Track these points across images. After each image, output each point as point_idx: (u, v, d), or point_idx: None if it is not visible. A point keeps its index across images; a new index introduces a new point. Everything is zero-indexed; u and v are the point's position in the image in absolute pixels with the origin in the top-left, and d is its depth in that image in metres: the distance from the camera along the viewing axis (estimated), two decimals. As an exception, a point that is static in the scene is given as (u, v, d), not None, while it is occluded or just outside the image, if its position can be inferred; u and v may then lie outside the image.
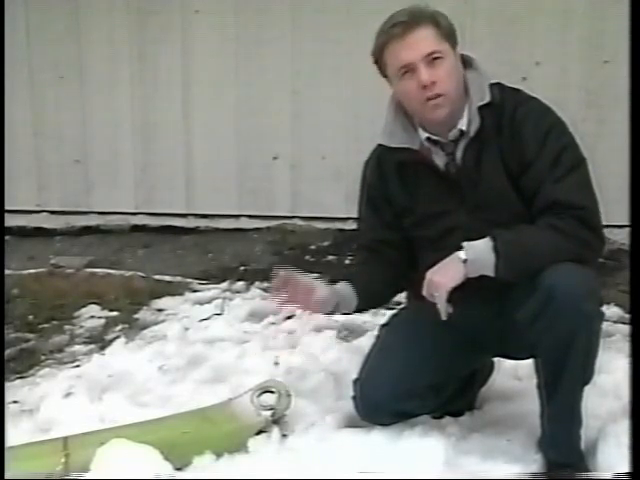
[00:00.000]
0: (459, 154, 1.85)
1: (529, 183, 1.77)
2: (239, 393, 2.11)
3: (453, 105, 1.80)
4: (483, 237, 1.72)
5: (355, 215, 2.09)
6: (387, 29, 1.79)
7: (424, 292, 1.77)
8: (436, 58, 1.76)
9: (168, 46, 4.47)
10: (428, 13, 1.79)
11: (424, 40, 1.76)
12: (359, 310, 2.02)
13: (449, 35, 1.79)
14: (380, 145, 1.94)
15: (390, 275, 2.00)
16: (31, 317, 3.13)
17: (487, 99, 1.80)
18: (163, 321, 3.08)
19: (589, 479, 1.80)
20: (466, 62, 1.86)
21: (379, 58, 1.83)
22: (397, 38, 1.77)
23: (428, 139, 1.86)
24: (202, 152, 4.57)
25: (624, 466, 1.75)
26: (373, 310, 2.52)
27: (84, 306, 3.22)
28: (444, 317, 1.74)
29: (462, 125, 1.83)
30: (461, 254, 1.72)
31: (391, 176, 1.94)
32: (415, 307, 1.98)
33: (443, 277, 1.73)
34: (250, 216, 4.51)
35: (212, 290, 3.43)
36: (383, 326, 2.09)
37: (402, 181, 1.93)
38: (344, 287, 1.96)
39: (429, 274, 1.76)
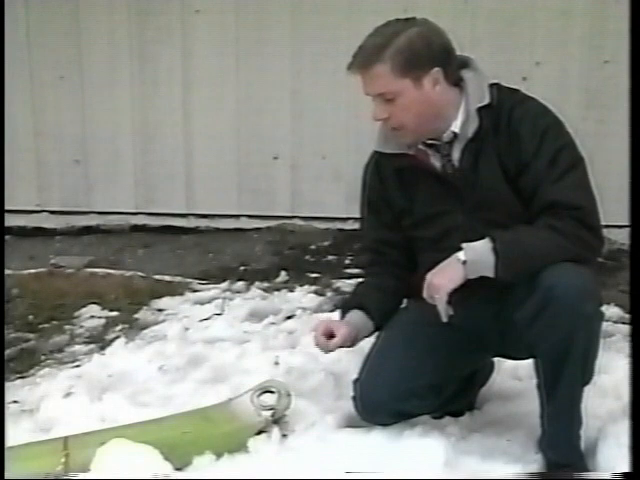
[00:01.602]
0: (456, 155, 1.85)
1: (527, 183, 1.77)
2: (239, 393, 2.11)
3: (416, 133, 1.83)
4: (482, 238, 1.72)
5: (355, 215, 2.10)
6: (353, 57, 1.81)
7: (424, 294, 1.77)
8: (388, 99, 1.79)
9: (168, 46, 4.46)
10: (387, 50, 1.76)
11: (376, 81, 1.79)
12: (375, 331, 2.03)
13: (411, 67, 1.77)
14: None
15: (396, 281, 2.01)
16: (31, 317, 3.13)
17: (487, 100, 1.80)
18: (163, 321, 3.08)
19: (589, 479, 1.81)
20: (465, 63, 1.86)
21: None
22: (356, 70, 1.81)
23: (423, 142, 1.87)
24: (202, 152, 4.56)
25: (624, 466, 1.75)
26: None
27: (84, 306, 3.21)
28: (445, 319, 1.75)
29: (455, 127, 1.83)
30: (460, 255, 1.72)
31: (390, 179, 1.95)
32: (415, 307, 1.98)
33: (443, 279, 1.73)
34: (250, 216, 4.50)
35: (212, 290, 3.43)
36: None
37: (401, 183, 1.94)
38: (358, 317, 1.99)
39: (429, 276, 1.76)
